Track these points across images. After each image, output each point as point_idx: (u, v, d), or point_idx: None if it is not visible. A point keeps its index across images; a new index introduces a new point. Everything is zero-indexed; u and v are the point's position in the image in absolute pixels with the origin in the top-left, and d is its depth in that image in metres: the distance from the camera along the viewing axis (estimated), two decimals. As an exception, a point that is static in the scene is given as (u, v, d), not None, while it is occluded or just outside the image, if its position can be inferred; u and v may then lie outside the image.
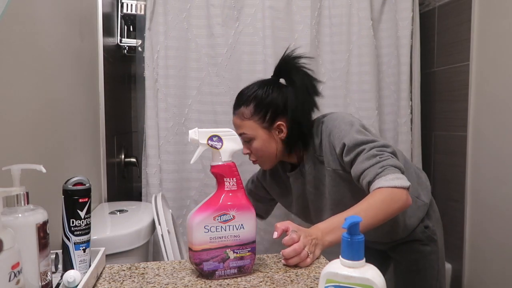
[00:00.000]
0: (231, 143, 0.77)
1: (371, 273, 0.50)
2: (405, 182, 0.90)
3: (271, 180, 1.27)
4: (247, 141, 1.09)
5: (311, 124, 1.10)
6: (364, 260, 0.50)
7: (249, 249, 0.77)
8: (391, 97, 1.72)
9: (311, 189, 1.13)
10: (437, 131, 1.83)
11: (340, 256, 0.51)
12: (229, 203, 0.75)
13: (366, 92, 1.66)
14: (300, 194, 1.18)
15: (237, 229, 0.75)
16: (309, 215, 1.21)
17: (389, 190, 0.88)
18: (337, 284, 0.50)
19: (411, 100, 1.73)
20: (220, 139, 0.76)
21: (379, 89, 1.70)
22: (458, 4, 1.71)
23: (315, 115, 1.12)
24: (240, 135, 1.08)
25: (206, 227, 0.73)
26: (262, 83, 1.10)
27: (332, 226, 0.87)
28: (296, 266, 0.82)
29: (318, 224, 0.88)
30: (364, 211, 0.87)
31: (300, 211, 1.22)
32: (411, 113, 1.74)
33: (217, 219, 0.74)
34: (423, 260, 1.16)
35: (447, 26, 1.78)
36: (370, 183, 0.92)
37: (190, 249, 0.76)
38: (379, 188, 0.89)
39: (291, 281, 0.74)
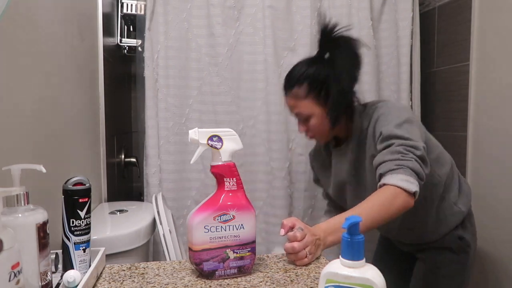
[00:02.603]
0: (231, 143, 0.77)
1: (371, 273, 0.49)
2: (412, 187, 0.88)
3: (314, 154, 1.30)
4: (303, 119, 1.09)
5: (355, 99, 1.11)
6: (364, 260, 0.50)
7: (249, 249, 0.77)
8: (391, 97, 1.72)
9: (351, 170, 1.13)
10: (437, 131, 1.83)
11: (340, 256, 0.51)
12: (229, 203, 0.75)
13: (366, 92, 1.65)
14: (339, 172, 1.17)
15: (237, 229, 0.75)
16: (344, 196, 1.19)
17: (393, 190, 0.88)
18: (337, 284, 0.50)
19: (411, 100, 1.73)
20: (220, 139, 0.76)
21: (379, 89, 1.70)
22: (458, 4, 1.71)
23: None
24: (296, 114, 1.10)
25: (206, 227, 0.73)
26: (310, 61, 1.10)
27: (334, 226, 0.87)
28: (296, 265, 0.82)
29: (320, 224, 0.88)
30: (366, 213, 0.87)
31: (336, 191, 1.21)
32: (411, 113, 1.74)
33: (217, 219, 0.74)
34: (449, 267, 1.14)
35: (447, 26, 1.78)
36: (381, 175, 0.92)
37: (190, 249, 0.76)
38: (385, 184, 0.89)
39: (291, 281, 0.74)
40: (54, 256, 0.74)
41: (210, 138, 0.76)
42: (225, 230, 0.75)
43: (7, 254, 0.48)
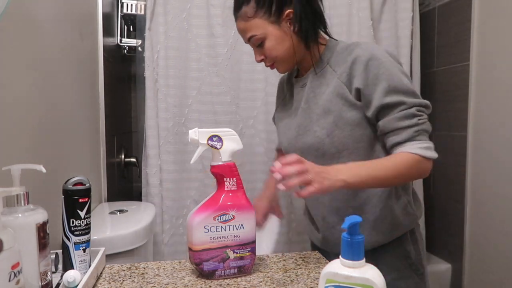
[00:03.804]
0: (231, 143, 0.77)
1: (371, 273, 0.49)
2: (434, 154, 0.85)
3: (281, 82, 1.15)
4: (258, 44, 0.95)
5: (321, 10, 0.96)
6: (364, 260, 0.50)
7: (249, 249, 0.77)
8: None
9: (303, 105, 0.98)
10: (437, 131, 1.83)
11: (340, 256, 0.51)
12: (229, 203, 0.75)
13: (366, 92, 1.65)
14: (293, 112, 1.03)
15: (237, 229, 0.75)
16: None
17: (417, 159, 0.83)
18: (337, 284, 0.50)
19: (411, 100, 1.73)
20: (220, 139, 0.76)
21: (379, 89, 1.70)
22: (458, 4, 1.71)
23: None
24: (248, 40, 0.97)
25: (206, 227, 0.73)
26: None
27: (349, 166, 0.82)
28: (295, 266, 0.82)
29: (334, 165, 0.81)
30: (387, 168, 0.83)
31: (289, 143, 1.03)
32: (411, 113, 1.74)
33: (217, 219, 0.74)
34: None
35: (447, 26, 1.78)
36: (399, 143, 0.85)
37: (190, 249, 0.76)
38: (408, 153, 0.84)
39: (291, 281, 0.74)
40: (54, 256, 0.74)
41: (210, 138, 0.76)
42: (225, 230, 0.75)
43: (7, 254, 0.49)
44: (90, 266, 0.73)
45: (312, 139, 0.94)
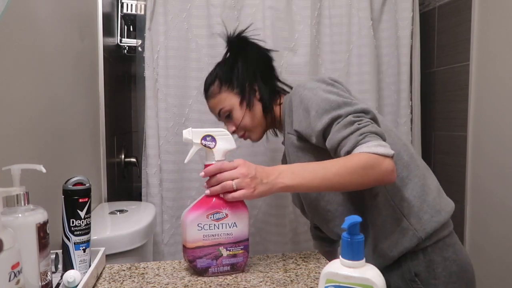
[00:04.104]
0: (225, 143, 0.78)
1: (371, 273, 0.50)
2: (389, 150, 0.78)
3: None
4: (226, 116, 1.07)
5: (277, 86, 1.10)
6: (364, 260, 0.50)
7: (242, 247, 0.78)
8: (391, 97, 1.72)
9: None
10: (437, 131, 1.83)
11: (340, 256, 0.51)
12: (222, 201, 0.76)
13: (366, 92, 1.65)
14: None
15: (230, 227, 0.76)
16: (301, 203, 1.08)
17: (370, 156, 0.77)
18: (337, 284, 0.50)
19: (411, 100, 1.73)
20: (213, 139, 0.77)
21: (379, 89, 1.70)
22: (458, 4, 1.71)
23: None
24: (218, 114, 1.08)
25: (199, 225, 0.74)
26: (218, 64, 1.12)
27: (292, 167, 0.80)
28: (295, 266, 0.82)
29: (279, 165, 0.81)
30: (334, 167, 0.78)
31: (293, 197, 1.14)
32: (411, 113, 1.73)
33: (210, 217, 0.75)
34: None
35: (447, 26, 1.78)
36: (349, 152, 0.80)
37: (184, 246, 0.77)
38: (359, 152, 0.78)
39: (291, 281, 0.74)
40: (54, 256, 0.74)
41: (204, 137, 0.77)
42: (218, 228, 0.75)
43: (7, 254, 0.49)
44: (90, 266, 0.73)
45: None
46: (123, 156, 1.83)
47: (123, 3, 1.73)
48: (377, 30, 1.70)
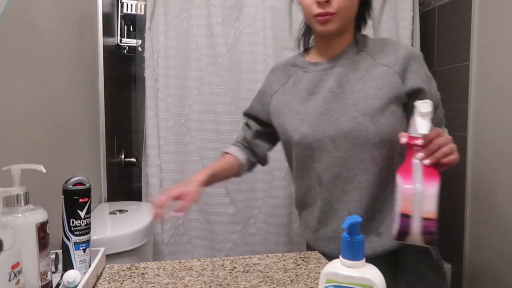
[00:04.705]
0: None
1: (371, 273, 0.50)
2: None
3: (278, 67, 1.07)
4: None
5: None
6: (364, 260, 0.50)
7: None
8: (391, 97, 1.72)
9: (335, 89, 0.90)
10: (437, 131, 1.83)
11: (340, 256, 0.51)
12: (435, 170, 0.74)
13: (366, 92, 1.66)
14: (309, 96, 0.93)
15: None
16: (311, 149, 0.91)
17: None
18: (337, 284, 0.51)
19: (411, 100, 1.73)
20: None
21: (379, 89, 1.70)
22: (458, 4, 1.71)
23: None
24: None
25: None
26: None
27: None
28: (295, 266, 0.82)
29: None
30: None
31: (304, 127, 0.92)
32: (411, 113, 1.74)
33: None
34: None
35: (447, 26, 1.78)
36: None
37: (429, 218, 0.71)
38: None
39: (291, 281, 0.74)
40: (54, 256, 0.74)
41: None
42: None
43: (7, 254, 0.49)
44: (90, 266, 0.73)
45: (351, 125, 0.86)
46: (123, 156, 1.83)
47: (123, 3, 1.73)
48: (377, 30, 1.70)
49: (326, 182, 0.90)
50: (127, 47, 1.88)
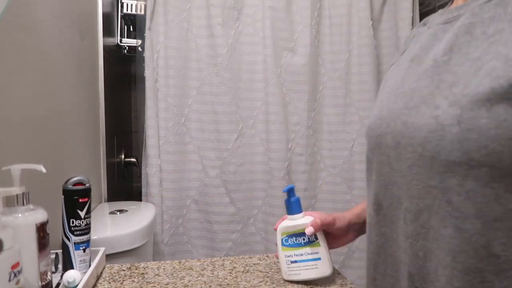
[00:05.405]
0: None
1: (307, 218, 0.72)
2: None
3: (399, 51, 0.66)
4: None
5: None
6: (302, 213, 0.73)
7: None
8: (391, 97, 1.72)
9: (439, 56, 0.49)
10: (437, 131, 1.83)
11: (287, 215, 0.73)
12: None
13: (366, 92, 1.66)
14: (406, 65, 0.57)
15: None
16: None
17: None
18: (289, 233, 0.73)
19: (411, 100, 1.73)
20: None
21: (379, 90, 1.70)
22: (458, 4, 1.71)
23: None
24: None
25: None
26: None
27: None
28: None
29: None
30: None
31: (377, 113, 0.58)
32: (411, 113, 1.74)
33: None
34: None
35: (447, 26, 1.78)
36: None
37: None
38: None
39: (291, 280, 0.74)
40: (54, 256, 0.74)
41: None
42: None
43: (7, 254, 0.49)
44: (90, 266, 0.73)
45: (423, 121, 0.47)
46: (123, 156, 1.83)
47: (123, 3, 1.73)
48: (377, 30, 1.70)
49: (385, 209, 0.54)
50: (127, 47, 1.88)
